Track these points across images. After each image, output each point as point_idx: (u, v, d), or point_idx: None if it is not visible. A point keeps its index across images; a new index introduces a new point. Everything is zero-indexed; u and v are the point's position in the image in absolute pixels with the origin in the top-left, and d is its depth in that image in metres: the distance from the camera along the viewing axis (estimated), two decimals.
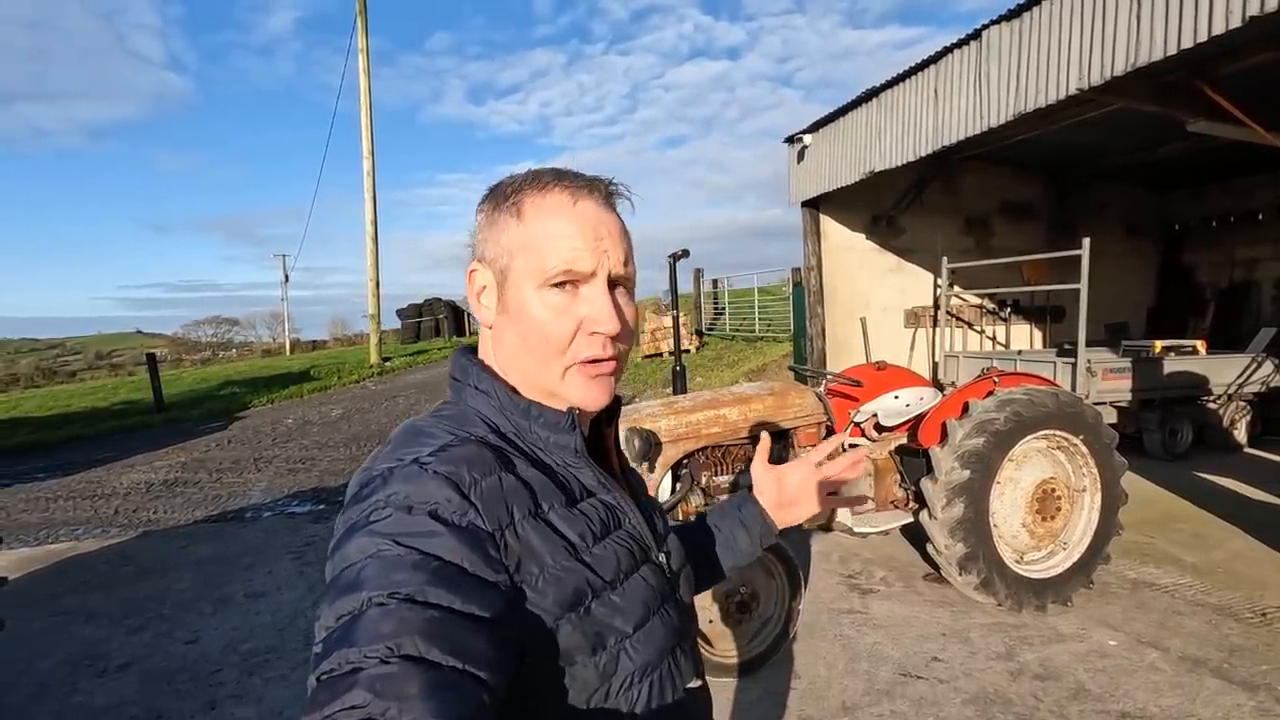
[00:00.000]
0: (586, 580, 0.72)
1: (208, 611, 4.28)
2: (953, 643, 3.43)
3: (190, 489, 7.60)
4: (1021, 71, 4.97)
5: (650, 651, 0.77)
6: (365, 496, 0.68)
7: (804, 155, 7.69)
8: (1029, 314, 9.58)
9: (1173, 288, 10.73)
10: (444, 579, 0.61)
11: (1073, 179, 9.62)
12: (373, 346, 16.68)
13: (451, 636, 0.58)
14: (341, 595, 0.61)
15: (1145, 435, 6.94)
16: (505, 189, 0.80)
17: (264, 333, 55.04)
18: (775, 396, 3.81)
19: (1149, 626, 3.50)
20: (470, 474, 0.69)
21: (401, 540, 0.63)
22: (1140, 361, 6.81)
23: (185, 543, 5.70)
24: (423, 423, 0.79)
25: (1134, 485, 3.96)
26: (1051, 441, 3.76)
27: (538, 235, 0.76)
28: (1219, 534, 4.78)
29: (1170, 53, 3.90)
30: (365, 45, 15.49)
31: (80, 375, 39.72)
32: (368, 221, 15.77)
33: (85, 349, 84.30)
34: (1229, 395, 7.17)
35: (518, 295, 0.77)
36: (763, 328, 14.89)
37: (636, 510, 0.83)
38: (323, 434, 10.37)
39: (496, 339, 0.82)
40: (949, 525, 3.51)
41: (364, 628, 0.57)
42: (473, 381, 0.82)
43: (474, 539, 0.65)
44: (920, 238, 8.72)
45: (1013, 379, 3.93)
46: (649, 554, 0.82)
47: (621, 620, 0.74)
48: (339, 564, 0.64)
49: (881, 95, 6.51)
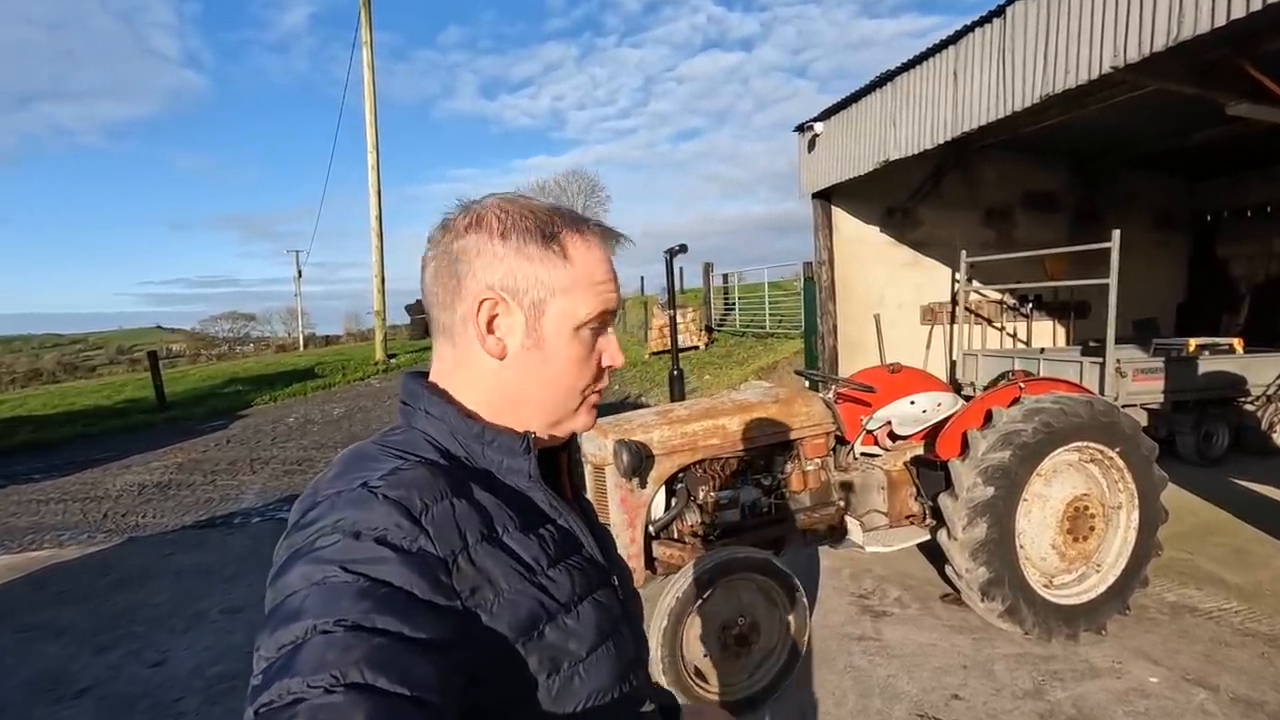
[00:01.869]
0: (541, 604, 0.71)
1: (180, 629, 4.06)
2: (975, 676, 3.12)
3: (183, 491, 7.43)
4: (1050, 50, 4.60)
5: (603, 676, 0.76)
6: (310, 522, 0.66)
7: (815, 144, 7.34)
8: (1052, 310, 9.16)
9: (1204, 282, 10.23)
10: (392, 605, 0.60)
11: (1099, 168, 9.17)
12: (378, 343, 16.50)
13: (400, 663, 0.56)
14: (283, 624, 0.58)
15: (1179, 439, 6.55)
16: (540, 224, 0.78)
17: (280, 328, 55.32)
18: (780, 404, 3.50)
19: (1194, 660, 3.16)
20: (421, 499, 0.67)
21: (349, 566, 0.61)
22: (1173, 361, 6.42)
23: (169, 550, 5.51)
24: (368, 447, 0.76)
25: (1168, 494, 3.63)
26: (1084, 454, 3.43)
27: (582, 279, 0.78)
28: (1263, 550, 4.41)
29: (1219, 24, 3.53)
30: (369, 39, 15.26)
31: (100, 370, 40.10)
32: (372, 217, 15.56)
33: (107, 344, 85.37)
34: (1268, 396, 6.75)
35: (557, 334, 0.78)
36: (774, 324, 14.53)
37: (590, 535, 0.83)
38: (323, 433, 10.20)
39: (505, 369, 0.79)
40: (970, 547, 3.19)
41: (307, 656, 0.55)
42: (423, 406, 0.79)
43: (424, 565, 0.64)
44: (937, 230, 8.33)
45: (1041, 385, 3.59)
46: (605, 578, 0.82)
47: (575, 644, 0.74)
48: (281, 591, 0.62)
49: (897, 80, 6.14)
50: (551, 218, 0.80)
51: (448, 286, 0.78)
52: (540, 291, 0.77)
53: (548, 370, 0.79)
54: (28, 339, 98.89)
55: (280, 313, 56.97)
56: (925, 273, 8.41)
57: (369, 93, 15.28)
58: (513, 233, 0.78)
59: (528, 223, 0.78)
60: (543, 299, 0.77)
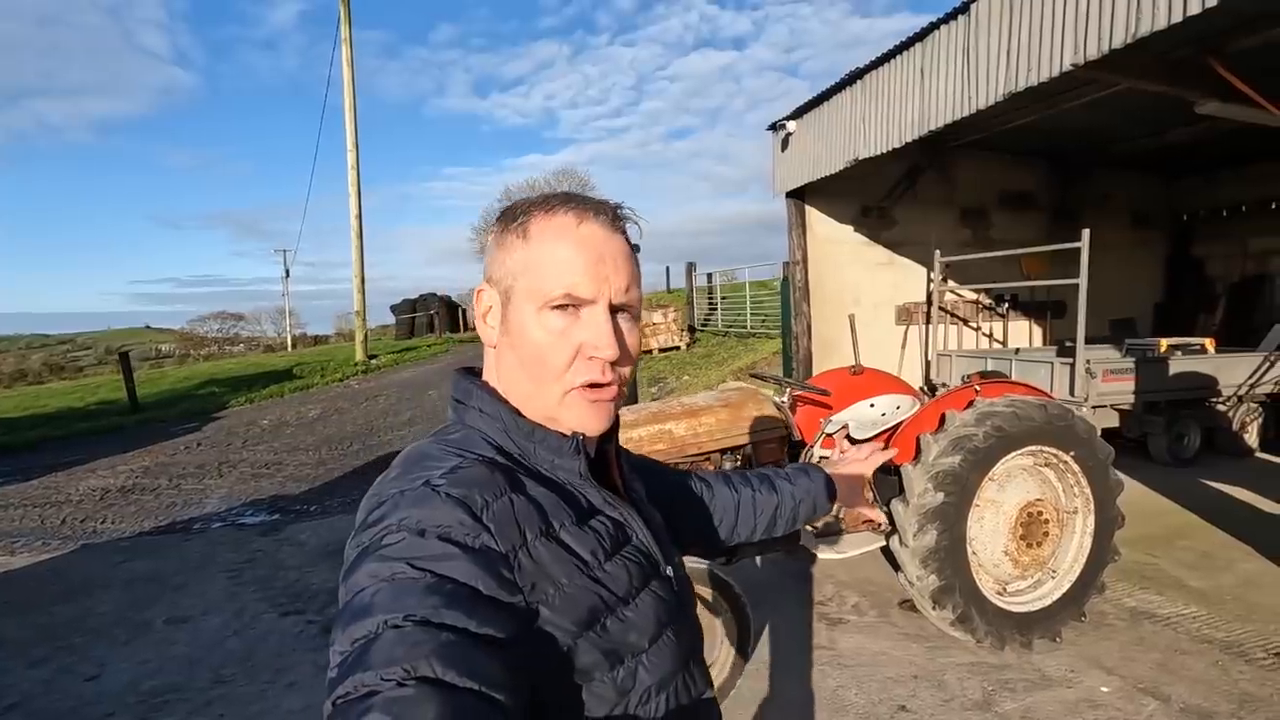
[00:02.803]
0: (600, 598, 0.72)
1: (121, 640, 3.95)
2: (925, 687, 3.04)
3: (146, 496, 7.29)
4: (1012, 47, 4.54)
5: (665, 665, 0.77)
6: (376, 521, 0.68)
7: (788, 143, 7.26)
8: (1028, 310, 9.12)
9: (1182, 282, 10.22)
10: (458, 601, 0.61)
11: (1075, 166, 9.13)
12: (358, 344, 16.32)
13: (467, 659, 0.58)
14: (355, 620, 0.60)
15: (1150, 440, 6.51)
16: (514, 211, 0.80)
17: (269, 328, 54.79)
18: (730, 408, 3.43)
19: (1149, 668, 3.10)
20: (482, 496, 0.69)
21: (416, 563, 0.63)
22: (1144, 361, 6.38)
23: (122, 558, 5.38)
24: (428, 446, 0.78)
25: (1137, 496, 3.58)
26: (1039, 458, 3.36)
27: (541, 257, 0.76)
28: (1229, 554, 4.36)
29: (1175, 20, 3.46)
30: (349, 36, 15.09)
31: (87, 371, 39.59)
32: (352, 215, 15.39)
33: (95, 344, 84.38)
34: (1239, 397, 6.72)
35: (519, 317, 0.77)
36: (756, 323, 14.47)
37: (643, 526, 0.83)
38: (296, 436, 10.05)
39: (499, 360, 0.82)
40: (921, 554, 3.12)
41: (379, 651, 0.57)
42: (475, 404, 0.81)
43: (487, 561, 0.65)
44: (913, 230, 8.27)
45: (996, 388, 3.52)
46: (658, 569, 0.82)
47: (636, 635, 0.74)
48: (351, 588, 0.64)
49: (866, 77, 6.07)
50: (529, 202, 0.80)
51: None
52: (508, 278, 0.78)
53: (518, 355, 0.78)
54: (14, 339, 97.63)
55: (270, 312, 56.40)
56: (901, 272, 8.35)
57: (348, 90, 15.12)
58: (496, 224, 0.80)
59: (507, 213, 0.80)
60: (510, 285, 0.78)
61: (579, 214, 0.78)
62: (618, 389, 0.80)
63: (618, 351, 0.77)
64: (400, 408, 11.65)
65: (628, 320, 0.80)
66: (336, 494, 7.02)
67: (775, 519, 1.23)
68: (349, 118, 15.21)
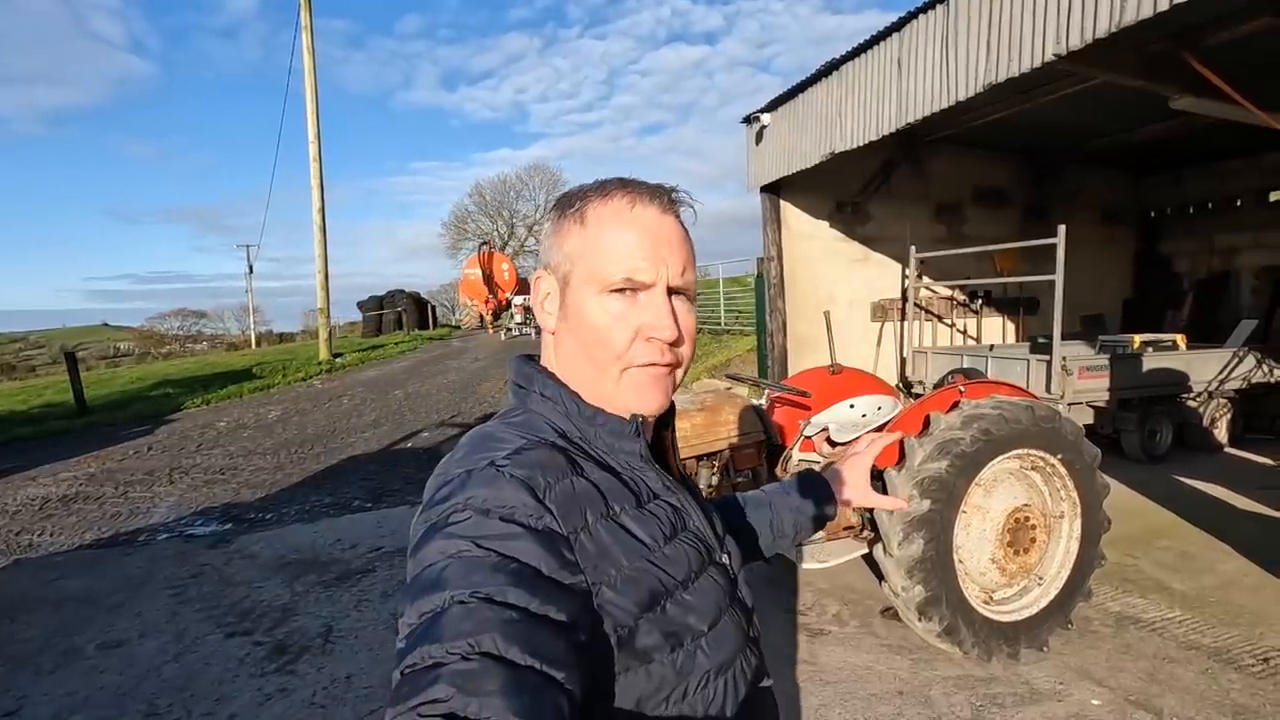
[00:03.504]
0: (660, 580, 0.73)
1: (46, 669, 3.62)
2: (910, 704, 2.90)
3: (89, 505, 6.86)
4: (993, 37, 4.42)
5: (724, 650, 0.77)
6: (444, 499, 0.70)
7: (762, 136, 7.10)
8: (1002, 306, 9.12)
9: (1150, 278, 10.34)
10: (522, 581, 0.62)
11: (1048, 163, 9.15)
12: (321, 342, 15.80)
13: (529, 638, 0.59)
14: (424, 593, 0.62)
15: (1124, 436, 6.51)
16: (572, 197, 0.81)
17: (233, 325, 53.33)
18: (706, 412, 3.24)
19: (1137, 679, 3.00)
20: (544, 478, 0.70)
21: (481, 542, 0.64)
22: (1119, 358, 6.37)
23: (56, 574, 5.01)
24: (493, 428, 0.80)
25: (1114, 494, 3.49)
26: (1025, 462, 3.24)
27: (599, 242, 0.78)
28: (1209, 553, 4.32)
29: (1162, 8, 3.36)
30: (309, 23, 14.57)
31: (40, 370, 38.08)
32: (314, 210, 14.89)
33: (50, 343, 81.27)
34: (1210, 392, 6.76)
35: (578, 301, 0.78)
36: (730, 320, 14.36)
37: (699, 511, 0.84)
38: (254, 439, 9.63)
39: (558, 345, 0.83)
40: (907, 564, 2.97)
41: (446, 625, 0.59)
42: (538, 388, 0.82)
43: (550, 542, 0.66)
44: (888, 226, 8.19)
45: (981, 388, 3.39)
46: (713, 554, 0.82)
47: (696, 619, 0.75)
48: (420, 562, 0.66)
49: (842, 69, 5.93)
50: (585, 189, 0.81)
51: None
52: (566, 263, 0.79)
53: (578, 339, 0.79)
54: None
55: (234, 309, 54.92)
56: (876, 269, 8.27)
57: (309, 81, 14.60)
58: (553, 211, 0.81)
59: (564, 199, 0.81)
60: (568, 270, 0.79)
61: (634, 198, 0.79)
62: (674, 369, 0.82)
63: (677, 332, 0.79)
64: (365, 408, 11.27)
65: (684, 302, 0.81)
66: (295, 501, 6.69)
67: (775, 536, 1.18)
68: (310, 108, 14.70)
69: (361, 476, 7.45)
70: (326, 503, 6.57)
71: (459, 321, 29.71)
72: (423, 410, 11.00)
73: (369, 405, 11.48)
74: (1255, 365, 6.86)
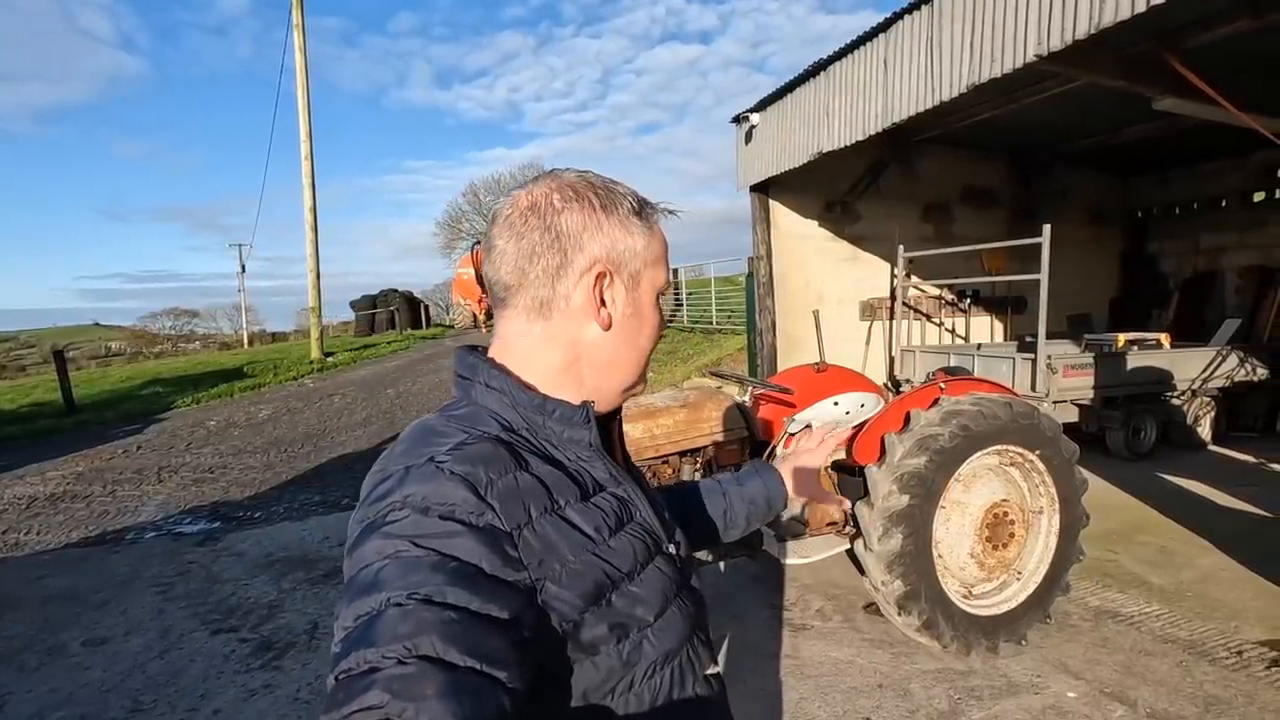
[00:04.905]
0: (605, 573, 0.73)
1: (31, 666, 3.62)
2: (890, 697, 2.93)
3: (77, 504, 6.84)
4: (976, 38, 4.46)
5: (671, 639, 0.78)
6: (381, 496, 0.68)
7: (752, 135, 7.13)
8: (990, 305, 9.18)
9: (1136, 278, 10.43)
10: (462, 579, 0.61)
11: (1035, 163, 9.22)
12: (313, 341, 15.76)
13: (469, 638, 0.58)
14: (360, 596, 0.61)
15: (1108, 434, 6.57)
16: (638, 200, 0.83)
17: (226, 325, 53.07)
18: (689, 409, 3.26)
19: (1114, 671, 3.04)
20: (486, 473, 0.69)
21: (419, 541, 0.63)
22: (1103, 356, 6.43)
23: (42, 573, 4.99)
24: (434, 421, 0.78)
25: (1096, 491, 3.55)
26: (1004, 458, 3.27)
27: (660, 252, 0.84)
28: (1188, 549, 4.37)
29: (1139, 10, 3.40)
30: (301, 21, 14.53)
31: (30, 370, 37.82)
32: (306, 209, 14.84)
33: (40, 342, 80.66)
34: (1194, 391, 6.83)
35: (648, 301, 0.84)
36: (722, 319, 14.39)
37: (646, 502, 0.83)
38: (244, 438, 9.61)
39: (599, 341, 0.81)
40: (886, 559, 3.00)
41: (382, 628, 0.57)
42: (483, 379, 0.81)
43: (492, 539, 0.65)
44: (877, 225, 8.24)
45: (961, 385, 3.42)
46: (661, 544, 0.82)
47: (643, 610, 0.75)
48: (357, 563, 0.64)
49: (830, 69, 5.97)
50: (640, 198, 0.84)
51: (548, 264, 0.78)
52: (638, 263, 0.81)
53: (641, 337, 0.83)
54: None
55: (226, 309, 54.66)
56: (865, 268, 8.31)
57: (301, 79, 14.56)
58: (614, 209, 0.80)
59: (624, 199, 0.82)
60: (639, 270, 0.81)
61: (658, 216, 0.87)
62: None
63: None
64: (355, 407, 11.25)
65: None
66: (283, 499, 6.69)
67: (727, 525, 1.19)
68: (302, 107, 14.66)
69: (351, 475, 7.45)
70: (315, 501, 6.57)
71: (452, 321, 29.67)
72: (414, 409, 10.99)
73: (360, 404, 11.47)
74: (1239, 364, 6.93)
